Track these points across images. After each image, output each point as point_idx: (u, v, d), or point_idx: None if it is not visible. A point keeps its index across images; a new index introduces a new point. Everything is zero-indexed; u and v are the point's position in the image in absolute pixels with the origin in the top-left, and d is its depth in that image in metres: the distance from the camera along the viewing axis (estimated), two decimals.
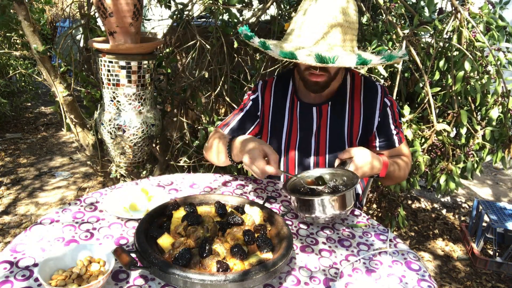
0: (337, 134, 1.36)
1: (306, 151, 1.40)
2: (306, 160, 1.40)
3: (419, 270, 0.96)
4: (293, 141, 1.41)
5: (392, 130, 1.36)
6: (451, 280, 2.43)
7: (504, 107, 1.82)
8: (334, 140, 1.36)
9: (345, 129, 1.36)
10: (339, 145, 1.36)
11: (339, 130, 1.36)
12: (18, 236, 0.94)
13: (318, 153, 1.39)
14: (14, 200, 2.94)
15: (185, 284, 0.76)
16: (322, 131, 1.37)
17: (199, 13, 2.47)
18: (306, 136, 1.38)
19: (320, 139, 1.38)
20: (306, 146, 1.39)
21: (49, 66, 2.01)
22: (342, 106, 1.35)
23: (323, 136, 1.37)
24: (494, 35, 1.83)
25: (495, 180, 3.86)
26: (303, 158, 1.40)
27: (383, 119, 1.34)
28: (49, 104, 4.99)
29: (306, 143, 1.39)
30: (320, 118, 1.36)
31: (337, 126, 1.36)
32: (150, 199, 1.14)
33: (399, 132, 1.38)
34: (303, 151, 1.40)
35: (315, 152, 1.39)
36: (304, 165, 1.41)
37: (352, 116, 1.35)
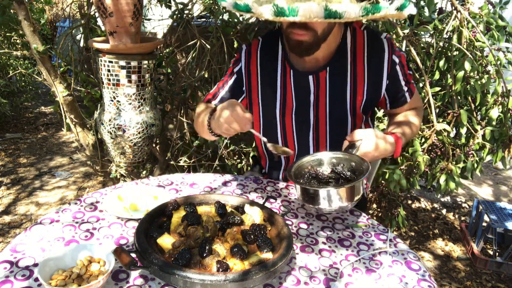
0: (339, 104, 1.22)
1: (304, 126, 1.27)
2: (304, 136, 1.28)
3: (419, 270, 0.96)
4: (288, 116, 1.27)
5: (402, 87, 1.23)
6: (451, 280, 2.43)
7: (504, 107, 1.82)
8: (335, 111, 1.23)
9: (347, 97, 1.21)
10: (341, 116, 1.23)
11: (340, 99, 1.21)
12: (18, 236, 0.94)
13: (317, 127, 1.26)
14: (14, 200, 2.94)
15: (185, 284, 0.76)
16: (321, 102, 1.22)
17: (199, 13, 2.47)
18: (303, 109, 1.25)
19: (319, 112, 1.24)
20: (304, 121, 1.26)
21: (49, 66, 2.01)
22: (342, 71, 1.18)
23: (323, 107, 1.23)
24: (494, 35, 1.83)
25: (495, 180, 3.86)
26: (302, 134, 1.28)
27: (393, 81, 1.20)
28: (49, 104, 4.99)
29: (304, 117, 1.26)
30: (318, 87, 1.20)
31: (338, 95, 1.21)
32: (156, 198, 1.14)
33: (409, 85, 1.25)
34: (300, 127, 1.27)
35: (314, 126, 1.26)
36: (303, 143, 1.30)
37: (355, 81, 1.19)
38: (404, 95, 1.26)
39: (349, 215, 1.19)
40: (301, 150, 1.33)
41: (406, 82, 1.24)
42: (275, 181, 1.38)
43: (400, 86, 1.23)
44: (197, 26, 2.29)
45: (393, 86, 1.22)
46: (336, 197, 0.97)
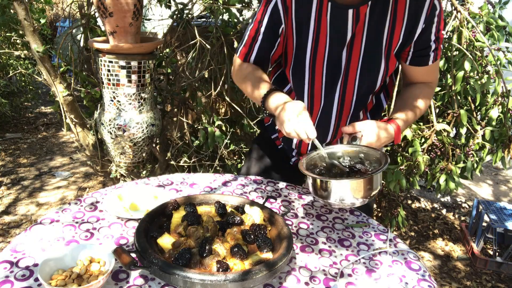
0: (375, 44, 1.12)
1: (335, 68, 1.17)
2: (333, 81, 1.19)
3: (419, 270, 0.96)
4: (320, 56, 1.16)
5: (431, 43, 1.13)
6: (451, 280, 2.43)
7: (504, 107, 1.82)
8: (370, 53, 1.14)
9: (384, 37, 1.12)
10: (374, 59, 1.14)
11: (377, 39, 1.12)
12: (18, 236, 0.94)
13: (348, 69, 1.16)
14: (15, 200, 2.94)
15: (185, 284, 0.76)
16: (356, 41, 1.12)
17: (199, 13, 2.47)
18: (337, 48, 1.14)
19: (352, 52, 1.14)
20: (335, 62, 1.16)
21: (49, 66, 2.01)
22: (384, 6, 1.08)
23: (357, 47, 1.13)
24: (494, 35, 1.83)
25: (495, 180, 3.86)
26: (331, 78, 1.19)
27: (427, 27, 1.10)
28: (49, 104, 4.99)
29: (336, 57, 1.15)
30: (356, 23, 1.09)
31: (376, 34, 1.11)
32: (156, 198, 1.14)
33: (438, 47, 1.14)
34: (331, 69, 1.17)
35: (345, 69, 1.16)
36: (330, 91, 1.21)
37: (394, 20, 1.09)
38: (429, 54, 1.15)
39: (349, 215, 1.19)
40: (326, 108, 1.25)
41: (436, 38, 1.13)
42: (275, 181, 1.38)
43: (430, 39, 1.12)
44: (197, 26, 2.29)
45: (424, 35, 1.11)
46: (354, 191, 0.92)
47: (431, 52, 1.15)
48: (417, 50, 1.14)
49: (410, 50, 1.15)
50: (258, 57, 1.24)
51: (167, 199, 1.08)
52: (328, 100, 1.23)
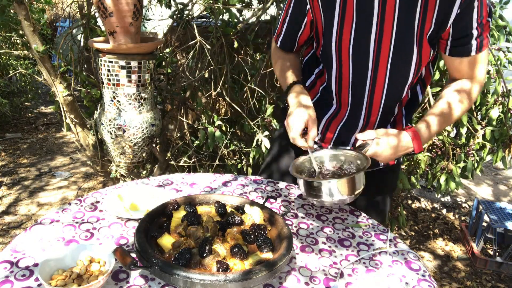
0: (406, 29, 1.04)
1: (362, 53, 1.11)
2: (362, 67, 1.13)
3: (419, 270, 0.96)
4: (345, 38, 1.10)
5: (473, 30, 1.02)
6: (451, 280, 2.43)
7: (504, 106, 1.82)
8: (401, 38, 1.06)
9: (415, 22, 1.03)
10: (406, 45, 1.06)
11: (408, 23, 1.04)
12: (18, 236, 0.94)
13: (378, 55, 1.09)
14: (15, 200, 2.94)
15: (185, 284, 0.76)
16: (387, 24, 1.05)
17: (199, 13, 2.47)
18: (364, 30, 1.07)
19: (383, 36, 1.06)
20: (363, 45, 1.09)
21: (49, 66, 2.01)
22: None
23: (388, 31, 1.05)
24: (494, 34, 1.83)
25: (495, 180, 3.86)
26: (359, 64, 1.13)
27: (464, 12, 1.00)
28: (49, 104, 4.99)
29: (364, 41, 1.09)
30: (384, 5, 1.03)
31: (407, 17, 1.03)
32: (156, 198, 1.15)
33: (482, 35, 1.03)
34: (358, 53, 1.11)
35: (375, 54, 1.09)
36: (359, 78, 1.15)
37: (426, 3, 1.01)
38: (470, 42, 1.04)
39: (349, 215, 1.19)
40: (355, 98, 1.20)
41: (479, 25, 1.02)
42: (275, 181, 1.38)
43: (469, 25, 1.01)
44: (197, 26, 2.29)
45: (463, 20, 1.01)
46: (336, 190, 0.99)
47: (473, 41, 1.04)
48: (456, 38, 1.05)
49: (448, 39, 1.06)
50: (285, 38, 1.26)
51: (167, 199, 1.08)
52: (358, 89, 1.18)
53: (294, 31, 1.24)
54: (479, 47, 1.06)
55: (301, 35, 1.24)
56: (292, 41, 1.27)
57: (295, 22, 1.22)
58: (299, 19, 1.20)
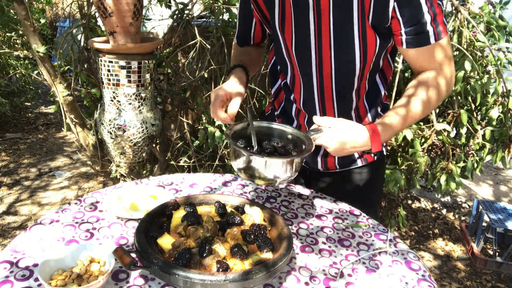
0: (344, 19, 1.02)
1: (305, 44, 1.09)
2: (306, 58, 1.12)
3: (419, 270, 0.96)
4: (288, 30, 1.10)
5: (424, 16, 0.94)
6: (451, 280, 2.43)
7: (504, 107, 1.82)
8: (340, 26, 1.03)
9: (353, 9, 1.00)
10: (346, 35, 1.03)
11: (345, 11, 1.01)
12: (18, 236, 0.94)
13: (320, 46, 1.08)
14: (15, 200, 2.94)
15: (185, 284, 0.76)
16: (323, 15, 1.03)
17: (199, 13, 2.47)
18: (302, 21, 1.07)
19: (321, 26, 1.05)
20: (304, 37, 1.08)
21: (49, 66, 2.01)
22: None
23: (326, 22, 1.04)
24: (494, 35, 1.83)
25: (495, 180, 3.86)
26: (302, 55, 1.12)
27: (406, 5, 0.94)
28: (49, 104, 4.99)
29: (304, 33, 1.08)
30: (318, 2, 1.02)
31: (343, 4, 1.00)
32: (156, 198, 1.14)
33: (436, 19, 0.95)
34: (301, 43, 1.10)
35: (317, 45, 1.08)
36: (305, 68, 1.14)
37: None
38: (425, 29, 0.96)
39: (349, 215, 1.19)
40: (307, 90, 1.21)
41: (430, 8, 0.94)
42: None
43: (418, 11, 0.94)
44: (197, 26, 2.29)
45: (407, 8, 0.95)
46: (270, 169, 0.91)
47: (428, 27, 0.96)
48: (408, 27, 0.98)
49: (400, 30, 0.99)
50: (240, 35, 1.28)
51: (167, 199, 1.08)
52: (307, 84, 1.18)
53: (246, 31, 1.26)
54: (437, 33, 0.97)
55: (254, 34, 1.26)
56: (247, 39, 1.29)
57: (244, 23, 1.25)
58: (248, 19, 1.23)
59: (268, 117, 1.47)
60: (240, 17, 1.26)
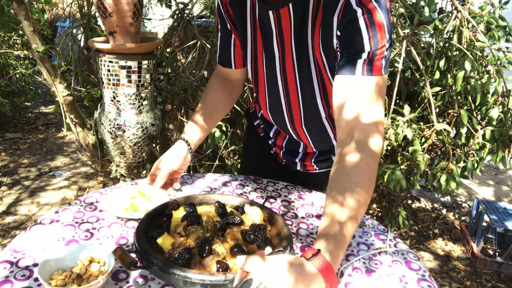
0: (303, 51, 1.02)
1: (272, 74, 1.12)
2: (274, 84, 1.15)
3: (419, 270, 0.96)
4: (259, 55, 1.13)
5: (362, 43, 0.88)
6: (451, 280, 2.43)
7: (505, 106, 1.82)
8: (301, 60, 1.04)
9: (308, 44, 1.00)
10: (306, 65, 1.04)
11: (303, 45, 1.01)
12: (18, 236, 0.94)
13: (285, 77, 1.09)
14: (15, 200, 2.94)
15: (185, 284, 0.76)
16: (287, 46, 1.04)
17: (199, 13, 2.47)
18: (270, 54, 1.08)
19: (285, 57, 1.06)
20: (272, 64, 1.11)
21: (49, 66, 2.01)
22: (303, 10, 0.96)
23: (288, 53, 1.05)
24: (494, 34, 1.83)
25: (495, 180, 3.86)
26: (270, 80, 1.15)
27: (348, 32, 0.90)
28: (49, 104, 4.99)
29: (272, 61, 1.10)
30: (279, 25, 1.01)
31: (300, 39, 1.01)
32: (149, 199, 1.14)
33: (374, 53, 0.88)
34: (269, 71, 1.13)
35: (282, 75, 1.10)
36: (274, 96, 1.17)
37: (313, 25, 0.97)
38: (356, 60, 0.89)
39: None
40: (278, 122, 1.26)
41: (372, 46, 0.88)
42: (275, 181, 1.38)
43: (359, 46, 0.89)
44: (197, 26, 2.29)
45: (349, 41, 0.90)
46: None
47: (360, 60, 0.89)
48: (344, 56, 0.92)
49: (338, 61, 0.95)
50: (221, 56, 1.26)
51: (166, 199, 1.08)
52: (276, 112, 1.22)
53: (226, 51, 1.24)
54: (367, 68, 0.89)
55: (235, 56, 1.23)
56: (228, 60, 1.26)
57: (225, 43, 1.23)
58: (227, 40, 1.21)
59: (252, 114, 1.50)
60: (220, 33, 1.22)
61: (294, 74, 1.08)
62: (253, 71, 1.18)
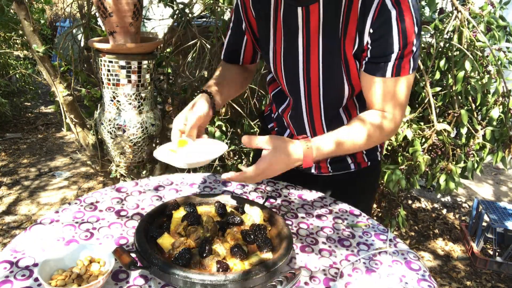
0: (332, 47, 1.03)
1: (293, 75, 1.13)
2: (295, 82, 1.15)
3: (419, 270, 0.96)
4: (278, 60, 1.14)
5: (392, 52, 0.94)
6: (451, 280, 2.43)
7: (505, 107, 1.82)
8: (329, 56, 1.05)
9: (339, 39, 1.01)
10: (334, 62, 1.05)
11: (333, 41, 1.01)
12: (18, 236, 0.94)
13: (308, 73, 1.10)
14: (15, 200, 2.94)
15: (185, 284, 0.76)
16: (313, 43, 1.05)
17: (199, 13, 2.47)
18: (292, 51, 1.09)
19: (311, 53, 1.06)
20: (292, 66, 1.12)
21: (49, 66, 2.01)
22: (336, 5, 0.98)
23: (315, 49, 1.05)
24: (494, 34, 1.83)
25: (495, 180, 3.86)
26: (291, 79, 1.15)
27: (380, 31, 0.94)
28: (49, 104, 4.99)
29: (293, 57, 1.10)
30: (307, 22, 1.02)
31: (331, 36, 1.01)
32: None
33: (402, 55, 0.95)
34: (289, 74, 1.15)
35: (305, 72, 1.10)
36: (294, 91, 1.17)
37: (347, 22, 0.98)
38: (387, 63, 0.96)
39: (349, 215, 1.19)
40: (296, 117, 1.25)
41: (401, 49, 0.94)
42: (275, 181, 1.38)
43: (387, 46, 0.95)
44: (197, 26, 2.29)
45: (378, 42, 0.95)
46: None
47: (390, 63, 0.96)
48: (373, 56, 0.98)
49: (366, 56, 0.99)
50: (228, 52, 1.26)
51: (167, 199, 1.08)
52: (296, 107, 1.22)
53: (236, 47, 1.24)
54: (396, 70, 0.96)
55: (245, 52, 1.24)
56: (237, 56, 1.26)
57: (235, 38, 1.23)
58: (239, 38, 1.22)
59: (266, 118, 1.48)
60: (232, 30, 1.22)
61: (318, 69, 1.09)
62: (274, 68, 1.18)
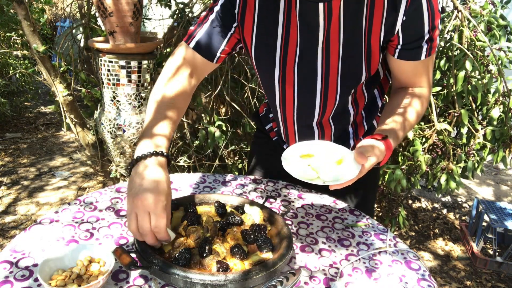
0: (353, 42, 1.00)
1: (309, 68, 1.06)
2: (310, 85, 1.08)
3: (419, 269, 0.96)
4: (290, 58, 1.05)
5: (424, 35, 0.97)
6: (451, 279, 2.42)
7: (505, 106, 1.82)
8: (349, 52, 1.01)
9: (362, 33, 0.99)
10: (354, 59, 1.02)
11: (355, 36, 0.99)
12: (18, 236, 0.93)
13: (327, 70, 1.04)
14: (15, 200, 2.94)
15: (185, 284, 0.76)
16: (333, 39, 1.00)
17: (199, 13, 2.47)
18: (310, 47, 1.03)
19: (330, 52, 1.02)
20: (310, 61, 1.04)
21: (49, 66, 2.01)
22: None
23: (335, 47, 1.01)
24: (495, 34, 1.83)
25: (495, 180, 3.86)
26: (305, 82, 1.08)
27: (412, 16, 0.95)
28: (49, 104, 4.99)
29: (310, 58, 1.04)
30: (329, 20, 0.97)
31: (353, 30, 0.99)
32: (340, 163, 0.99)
33: (432, 40, 0.99)
34: (305, 71, 1.06)
35: (324, 69, 1.04)
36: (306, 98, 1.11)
37: (371, 13, 0.97)
38: (420, 46, 0.99)
39: (349, 215, 1.18)
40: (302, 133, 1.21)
41: (430, 29, 0.97)
42: (275, 180, 1.38)
43: (420, 31, 0.97)
44: None
45: (411, 27, 0.97)
46: None
47: (424, 44, 0.99)
48: (406, 43, 1.00)
49: (398, 43, 1.00)
50: (203, 46, 1.06)
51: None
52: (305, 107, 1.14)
53: (214, 44, 1.07)
54: (428, 51, 1.01)
55: (221, 52, 1.08)
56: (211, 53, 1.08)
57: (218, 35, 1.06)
58: (222, 34, 1.06)
59: (262, 118, 1.45)
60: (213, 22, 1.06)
61: (337, 63, 1.04)
62: (281, 70, 1.09)
